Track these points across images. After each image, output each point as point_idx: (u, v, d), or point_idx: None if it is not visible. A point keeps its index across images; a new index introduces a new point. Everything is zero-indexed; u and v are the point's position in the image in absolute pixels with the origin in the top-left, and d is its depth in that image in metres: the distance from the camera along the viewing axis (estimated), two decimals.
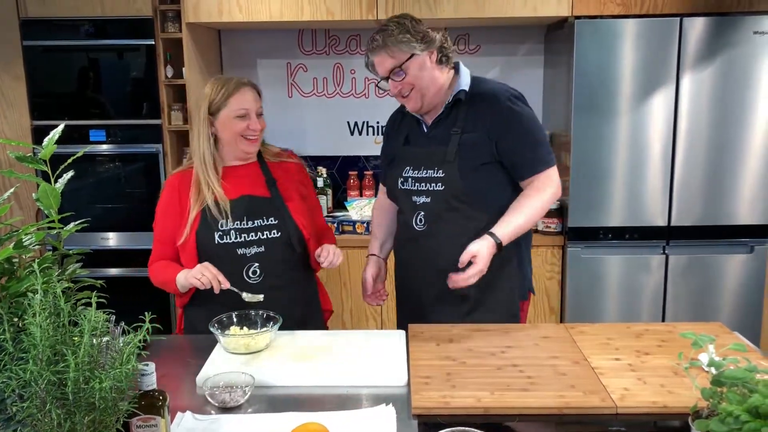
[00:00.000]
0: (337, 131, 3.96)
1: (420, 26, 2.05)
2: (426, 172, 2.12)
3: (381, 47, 2.03)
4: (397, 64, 2.02)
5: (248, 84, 2.07)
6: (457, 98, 2.09)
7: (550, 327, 2.03)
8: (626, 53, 3.12)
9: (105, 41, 3.35)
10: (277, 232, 2.09)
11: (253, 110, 2.05)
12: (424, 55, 2.03)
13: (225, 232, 2.04)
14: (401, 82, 2.05)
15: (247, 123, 2.04)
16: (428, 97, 2.08)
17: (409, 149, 2.19)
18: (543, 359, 1.79)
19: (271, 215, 2.08)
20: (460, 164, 2.06)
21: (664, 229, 3.24)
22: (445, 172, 2.08)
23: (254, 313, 1.98)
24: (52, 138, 1.18)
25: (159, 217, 2.12)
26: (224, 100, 2.02)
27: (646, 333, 1.97)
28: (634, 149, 3.19)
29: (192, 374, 1.74)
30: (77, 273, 1.18)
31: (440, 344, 1.89)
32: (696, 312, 3.28)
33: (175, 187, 2.09)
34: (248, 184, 2.11)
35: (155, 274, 2.10)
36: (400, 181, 2.18)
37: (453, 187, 2.07)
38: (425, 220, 2.13)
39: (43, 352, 0.97)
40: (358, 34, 3.81)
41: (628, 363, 1.76)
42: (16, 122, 3.42)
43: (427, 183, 2.11)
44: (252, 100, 2.05)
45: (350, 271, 3.41)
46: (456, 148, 2.07)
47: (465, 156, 2.07)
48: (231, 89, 2.03)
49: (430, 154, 2.12)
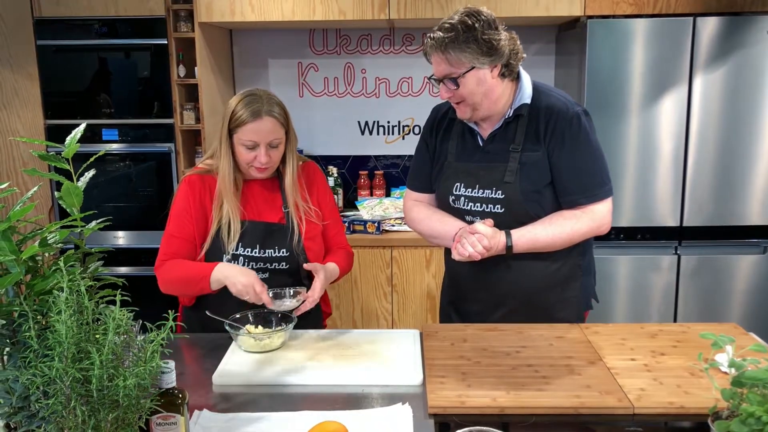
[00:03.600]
0: (347, 131, 3.96)
1: (491, 33, 1.81)
2: (483, 192, 1.96)
3: (439, 48, 1.82)
4: (453, 74, 1.85)
5: (269, 113, 1.93)
6: (518, 113, 1.93)
7: (564, 327, 2.03)
8: (639, 53, 3.11)
9: (118, 41, 3.36)
10: (286, 264, 2.04)
11: (265, 142, 1.93)
12: (485, 69, 1.84)
13: (234, 256, 2.00)
14: (453, 92, 1.88)
15: (255, 155, 1.95)
16: (481, 111, 1.92)
17: (462, 165, 2.01)
18: (558, 359, 1.79)
19: (283, 246, 2.03)
20: (521, 185, 1.91)
21: (675, 229, 3.23)
22: (505, 193, 1.93)
23: (269, 312, 1.98)
24: (75, 137, 1.19)
25: (177, 213, 2.03)
26: (237, 126, 1.94)
27: (660, 333, 1.96)
28: (646, 149, 3.18)
29: (206, 372, 1.74)
30: (99, 271, 1.19)
31: (455, 344, 1.89)
32: (707, 313, 3.27)
33: (197, 189, 2.02)
34: (266, 204, 2.06)
35: (172, 270, 1.97)
36: (451, 198, 2.02)
37: (514, 210, 1.93)
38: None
39: (68, 349, 0.98)
40: (369, 34, 3.82)
41: (643, 363, 1.76)
42: (29, 121, 3.43)
43: (484, 204, 1.96)
44: (266, 132, 1.93)
45: (361, 270, 3.42)
46: (517, 167, 1.91)
47: (526, 176, 1.92)
48: (246, 117, 1.91)
49: (487, 172, 1.95)
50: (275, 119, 1.94)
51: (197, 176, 2.06)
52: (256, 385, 1.69)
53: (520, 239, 1.91)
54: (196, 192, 2.03)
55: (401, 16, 3.26)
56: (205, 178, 2.05)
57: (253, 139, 1.93)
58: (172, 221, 2.04)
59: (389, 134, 3.94)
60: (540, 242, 1.92)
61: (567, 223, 1.93)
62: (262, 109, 1.93)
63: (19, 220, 1.06)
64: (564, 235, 1.93)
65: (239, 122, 1.94)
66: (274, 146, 1.97)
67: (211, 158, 2.07)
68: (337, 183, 3.81)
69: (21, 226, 1.14)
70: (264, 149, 1.95)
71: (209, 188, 2.04)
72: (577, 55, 3.29)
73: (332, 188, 3.74)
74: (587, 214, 1.94)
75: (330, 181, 3.78)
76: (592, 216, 1.94)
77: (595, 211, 1.94)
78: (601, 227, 1.97)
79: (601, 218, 1.96)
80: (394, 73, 3.86)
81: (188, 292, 2.04)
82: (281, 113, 1.97)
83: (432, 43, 1.85)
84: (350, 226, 3.45)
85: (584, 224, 1.94)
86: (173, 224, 2.04)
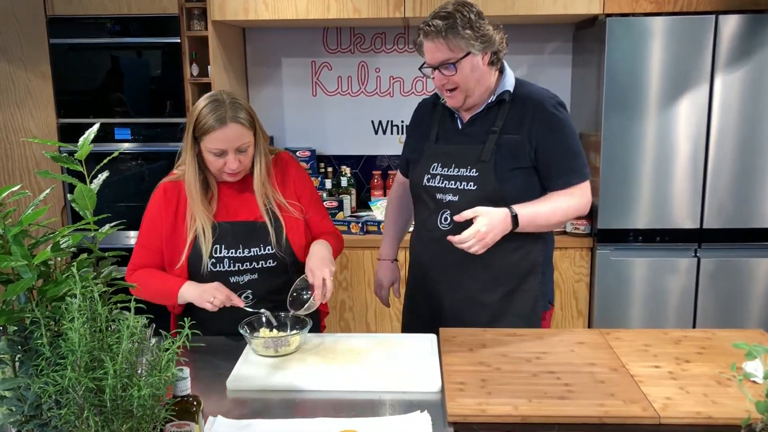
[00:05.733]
0: (361, 130, 3.92)
1: (483, 23, 1.95)
2: (458, 171, 2.05)
3: (439, 34, 1.91)
4: (451, 59, 1.93)
5: (234, 119, 1.86)
6: (500, 98, 2.03)
7: (584, 333, 1.98)
8: (659, 52, 3.05)
9: (130, 39, 3.34)
10: (273, 261, 2.00)
11: (233, 148, 1.87)
12: (479, 55, 1.95)
13: (218, 259, 1.96)
14: (448, 77, 1.96)
15: (224, 161, 1.89)
16: (473, 97, 2.01)
17: (440, 146, 2.10)
18: (579, 366, 1.75)
19: (267, 244, 1.99)
20: (496, 165, 2.00)
21: (695, 231, 3.17)
22: (479, 171, 2.01)
23: (284, 315, 1.95)
24: (88, 138, 1.16)
25: (148, 224, 2.00)
26: (203, 134, 1.87)
27: (684, 340, 1.91)
28: (666, 150, 3.13)
29: (220, 377, 1.71)
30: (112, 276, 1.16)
31: (473, 349, 1.85)
32: (728, 317, 3.21)
33: (172, 198, 1.98)
34: (241, 204, 2.01)
35: (144, 283, 1.92)
36: (426, 177, 2.09)
37: (486, 187, 2.00)
38: (451, 219, 2.03)
39: (81, 358, 0.95)
40: (384, 33, 3.78)
41: (668, 371, 1.71)
42: (42, 120, 3.42)
43: (458, 181, 2.04)
44: (233, 138, 1.86)
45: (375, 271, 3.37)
46: (493, 147, 2.00)
47: (502, 157, 2.00)
48: (211, 124, 1.84)
49: (464, 151, 2.05)
50: (241, 125, 1.88)
51: (171, 183, 2.01)
52: (271, 390, 1.66)
53: (524, 215, 1.95)
54: (171, 200, 1.99)
55: (416, 14, 3.22)
56: (179, 185, 1.99)
57: (220, 146, 1.87)
58: (142, 231, 2.01)
59: (403, 134, 3.89)
60: (542, 217, 1.99)
61: (564, 200, 2.01)
62: (227, 115, 1.85)
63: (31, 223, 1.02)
64: (561, 211, 2.01)
65: (204, 130, 1.87)
66: (242, 151, 1.91)
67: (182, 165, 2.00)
68: (350, 183, 3.78)
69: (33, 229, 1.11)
70: (233, 155, 1.89)
71: (183, 196, 1.98)
72: (595, 53, 3.24)
73: (345, 188, 3.72)
74: (579, 190, 2.03)
75: (343, 181, 3.75)
76: (582, 193, 2.04)
77: (583, 188, 2.04)
78: (588, 205, 2.06)
79: (589, 195, 2.06)
80: (409, 72, 3.82)
81: (158, 303, 1.98)
82: (246, 117, 1.90)
83: (430, 30, 1.92)
84: (364, 226, 3.41)
85: (577, 201, 2.03)
86: (142, 234, 2.01)
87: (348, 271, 3.38)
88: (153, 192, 2.02)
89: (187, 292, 1.91)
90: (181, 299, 1.93)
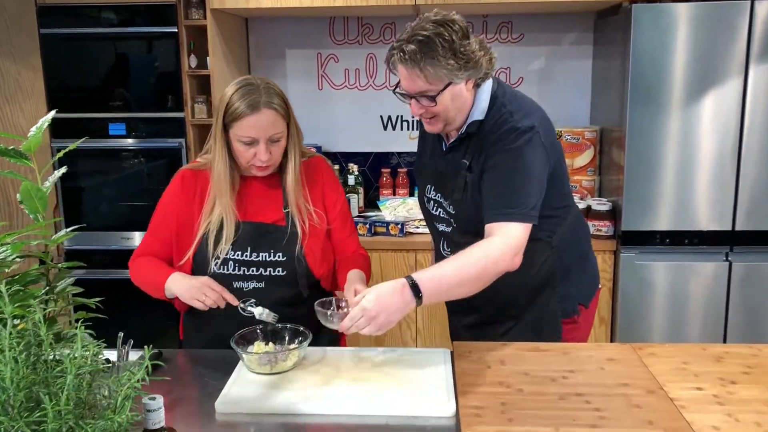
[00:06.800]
0: (369, 126, 3.75)
1: (468, 44, 1.64)
2: (444, 200, 1.90)
3: (415, 63, 1.62)
4: (430, 91, 1.67)
5: (268, 105, 1.72)
6: (469, 131, 1.78)
7: (614, 348, 1.79)
8: (689, 41, 2.85)
9: (125, 29, 3.18)
10: (283, 270, 1.84)
11: (265, 137, 1.74)
12: (461, 83, 1.69)
13: (224, 261, 1.81)
14: (426, 107, 1.71)
15: (254, 151, 1.75)
16: (453, 125, 1.79)
17: (431, 166, 1.94)
18: (611, 387, 1.56)
19: (279, 250, 1.83)
20: (469, 204, 1.80)
21: (727, 234, 2.96)
22: (456, 209, 1.85)
23: (281, 327, 1.77)
24: (41, 127, 0.98)
25: (160, 210, 1.88)
26: (233, 121, 1.73)
27: (726, 356, 1.72)
28: (695, 146, 2.92)
29: (208, 397, 1.54)
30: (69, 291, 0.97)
31: (491, 366, 1.67)
32: (761, 327, 3.00)
33: (189, 187, 1.86)
34: (265, 203, 1.86)
35: (139, 270, 1.85)
36: (425, 199, 1.98)
37: (466, 223, 1.84)
38: (449, 247, 1.93)
39: (15, 397, 0.76)
40: (393, 22, 3.59)
41: (712, 394, 1.52)
42: (32, 115, 3.26)
43: (444, 211, 1.91)
44: (266, 126, 1.73)
45: (383, 275, 3.19)
46: (463, 184, 1.80)
47: (472, 195, 1.79)
48: (243, 110, 1.70)
49: (444, 182, 1.88)
50: (275, 111, 1.74)
51: (191, 171, 1.88)
52: (266, 414, 1.48)
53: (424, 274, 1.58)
54: (187, 189, 1.86)
55: (428, 1, 3.03)
56: (199, 174, 1.87)
57: (252, 134, 1.73)
58: (154, 217, 1.90)
59: (413, 129, 3.71)
60: (447, 280, 1.59)
61: (476, 251, 1.61)
62: (261, 101, 1.72)
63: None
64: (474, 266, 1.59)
65: (235, 116, 1.73)
66: (275, 141, 1.77)
67: (209, 153, 1.86)
68: (358, 181, 3.59)
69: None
70: (264, 145, 1.75)
71: (201, 186, 1.85)
72: (618, 43, 3.04)
73: (352, 187, 3.54)
74: (500, 231, 1.65)
75: (350, 179, 3.56)
76: (506, 234, 1.64)
77: (509, 232, 1.65)
78: (511, 255, 1.63)
79: (516, 240, 1.64)
80: None
81: (154, 296, 1.85)
82: (282, 104, 1.76)
83: (403, 57, 1.63)
84: (371, 227, 3.22)
85: (496, 245, 1.62)
86: (153, 220, 1.90)
87: None
88: (173, 177, 1.90)
89: (175, 285, 1.76)
90: (169, 293, 1.77)
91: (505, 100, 1.78)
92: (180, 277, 1.77)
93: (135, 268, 1.87)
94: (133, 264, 1.87)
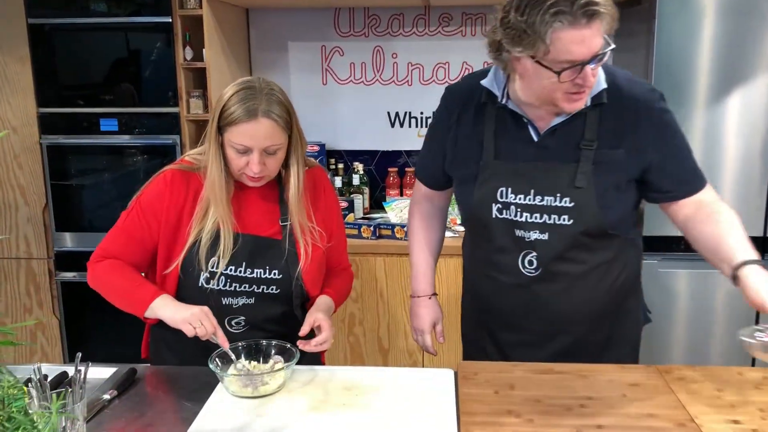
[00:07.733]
0: (376, 123, 3.58)
1: None
2: (542, 200, 1.60)
3: (605, 13, 1.40)
4: (602, 48, 1.44)
5: (267, 114, 1.56)
6: (596, 102, 1.56)
7: (637, 370, 1.61)
8: (719, 33, 2.67)
9: (117, 19, 3.02)
10: (277, 288, 1.68)
11: (259, 148, 1.57)
12: None
13: (213, 274, 1.64)
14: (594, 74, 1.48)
15: (247, 160, 1.59)
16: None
17: (507, 165, 1.62)
18: (636, 418, 1.38)
19: (276, 268, 1.67)
20: (597, 191, 1.58)
21: (759, 240, 2.77)
22: (576, 201, 1.58)
23: (266, 344, 1.60)
24: None
25: (140, 210, 1.66)
26: (227, 125, 1.58)
27: (766, 382, 1.53)
28: (726, 145, 2.74)
29: (182, 423, 1.38)
30: None
31: (499, 391, 1.49)
32: None
33: (179, 191, 1.66)
34: (262, 213, 1.70)
35: (107, 275, 1.66)
36: (496, 208, 1.64)
37: (586, 220, 1.59)
38: (538, 263, 1.63)
39: None
40: (401, 14, 3.42)
41: (752, 429, 1.34)
42: (21, 109, 3.11)
43: (546, 214, 1.60)
44: (262, 136, 1.56)
45: (387, 281, 3.02)
46: (590, 168, 1.56)
47: (601, 181, 1.58)
48: (239, 115, 1.55)
49: (548, 174, 1.59)
50: (274, 122, 1.57)
51: (182, 173, 1.68)
52: None
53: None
54: (177, 193, 1.66)
55: None
56: (190, 176, 1.67)
57: (245, 143, 1.56)
58: (130, 217, 1.68)
59: (422, 127, 3.55)
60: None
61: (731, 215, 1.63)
62: (259, 108, 1.55)
63: None
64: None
65: (230, 120, 1.56)
66: (270, 153, 1.60)
67: (201, 154, 1.68)
68: (363, 181, 3.42)
69: None
70: (258, 156, 1.58)
71: (194, 189, 1.66)
72: (642, 36, 2.86)
73: (357, 187, 3.39)
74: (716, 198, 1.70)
75: (355, 179, 3.40)
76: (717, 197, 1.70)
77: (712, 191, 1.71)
78: None
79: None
80: (429, 58, 3.47)
81: (118, 306, 1.67)
82: (282, 114, 1.58)
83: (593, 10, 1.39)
84: (376, 230, 3.04)
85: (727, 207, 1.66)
86: (129, 221, 1.68)
87: (358, 280, 3.02)
88: (155, 175, 1.69)
89: (162, 309, 1.59)
90: (151, 313, 1.60)
91: (614, 69, 1.63)
92: (171, 302, 1.61)
93: (100, 271, 1.67)
94: (98, 266, 1.67)
